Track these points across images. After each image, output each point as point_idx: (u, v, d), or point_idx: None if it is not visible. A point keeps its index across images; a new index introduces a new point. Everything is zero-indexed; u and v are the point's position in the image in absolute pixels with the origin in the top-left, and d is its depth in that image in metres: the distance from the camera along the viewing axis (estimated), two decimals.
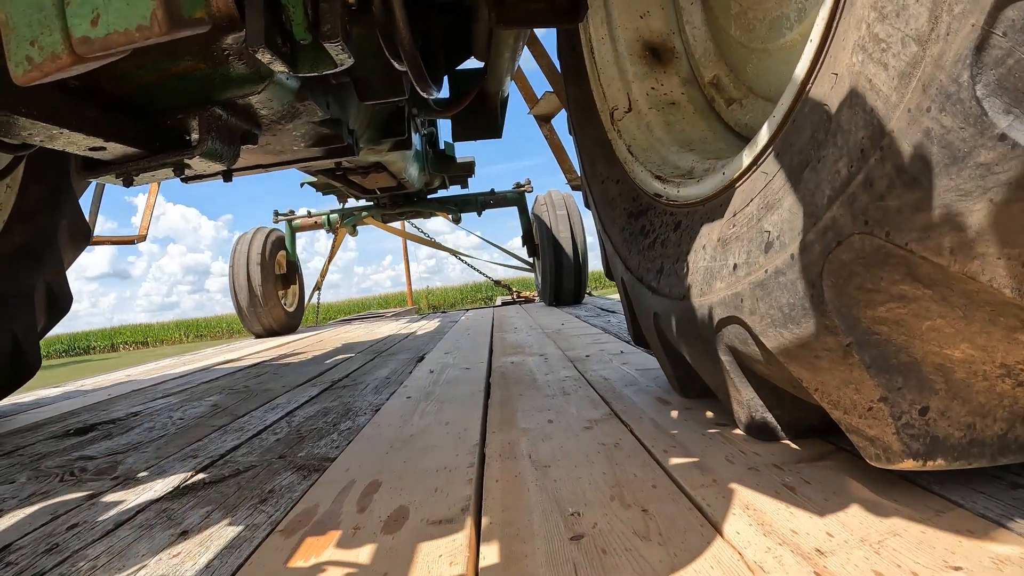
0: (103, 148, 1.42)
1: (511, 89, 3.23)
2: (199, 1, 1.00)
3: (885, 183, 0.68)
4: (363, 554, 0.87)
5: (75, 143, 1.35)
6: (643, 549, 0.81)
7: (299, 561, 0.87)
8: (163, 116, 1.51)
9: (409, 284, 14.73)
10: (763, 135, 0.99)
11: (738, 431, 1.25)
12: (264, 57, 1.23)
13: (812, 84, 0.85)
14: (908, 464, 0.78)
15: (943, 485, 0.90)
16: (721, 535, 0.83)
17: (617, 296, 3.02)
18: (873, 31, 0.69)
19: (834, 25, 0.80)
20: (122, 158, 1.52)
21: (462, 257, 8.42)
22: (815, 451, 1.10)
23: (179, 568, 0.90)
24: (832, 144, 0.77)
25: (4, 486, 1.42)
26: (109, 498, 1.26)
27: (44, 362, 2.63)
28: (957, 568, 0.69)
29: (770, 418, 1.16)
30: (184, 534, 1.03)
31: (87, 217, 2.73)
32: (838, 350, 0.82)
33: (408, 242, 12.62)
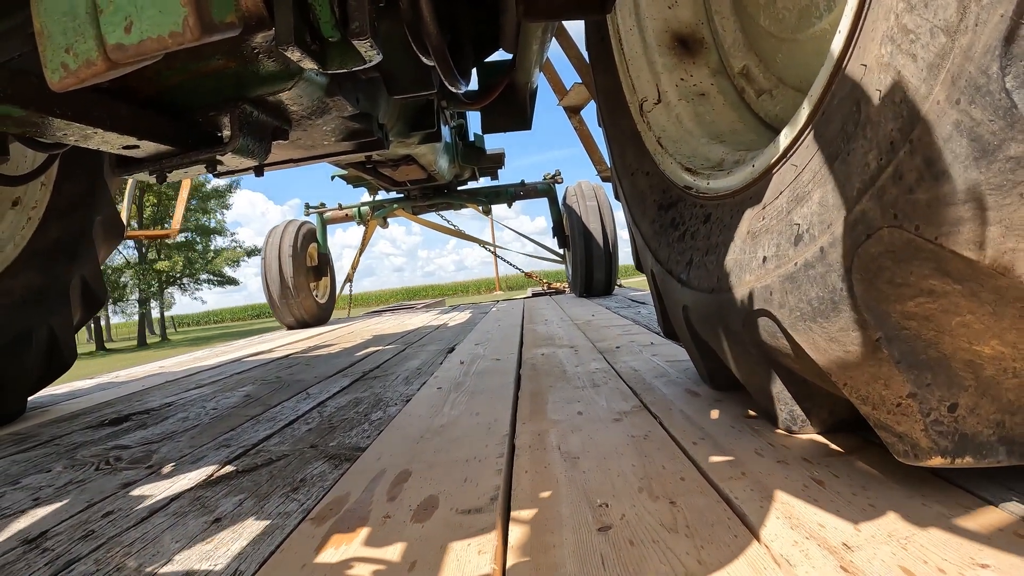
0: (136, 146, 1.45)
1: (540, 81, 3.23)
2: (229, 4, 1.02)
3: (915, 176, 0.67)
4: (393, 543, 0.89)
5: (109, 142, 1.38)
6: (670, 541, 0.81)
7: (329, 549, 0.90)
8: (195, 114, 1.54)
9: (496, 269, 16.17)
10: (793, 127, 0.98)
11: (767, 424, 1.25)
12: (293, 55, 1.25)
13: (841, 75, 0.84)
14: (936, 461, 0.78)
15: (972, 481, 0.90)
16: (748, 528, 0.83)
17: (646, 287, 3.00)
18: (902, 22, 0.69)
19: (863, 16, 0.79)
20: (155, 155, 1.55)
21: (491, 248, 8.44)
22: (844, 445, 1.10)
23: (212, 555, 0.93)
24: (862, 136, 0.77)
25: (41, 475, 1.47)
26: (143, 486, 1.30)
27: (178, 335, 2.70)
28: (984, 565, 0.68)
29: (799, 411, 1.15)
30: (217, 521, 1.06)
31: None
32: (867, 345, 0.81)
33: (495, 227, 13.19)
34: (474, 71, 2.46)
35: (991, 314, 0.68)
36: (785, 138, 1.00)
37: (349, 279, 8.26)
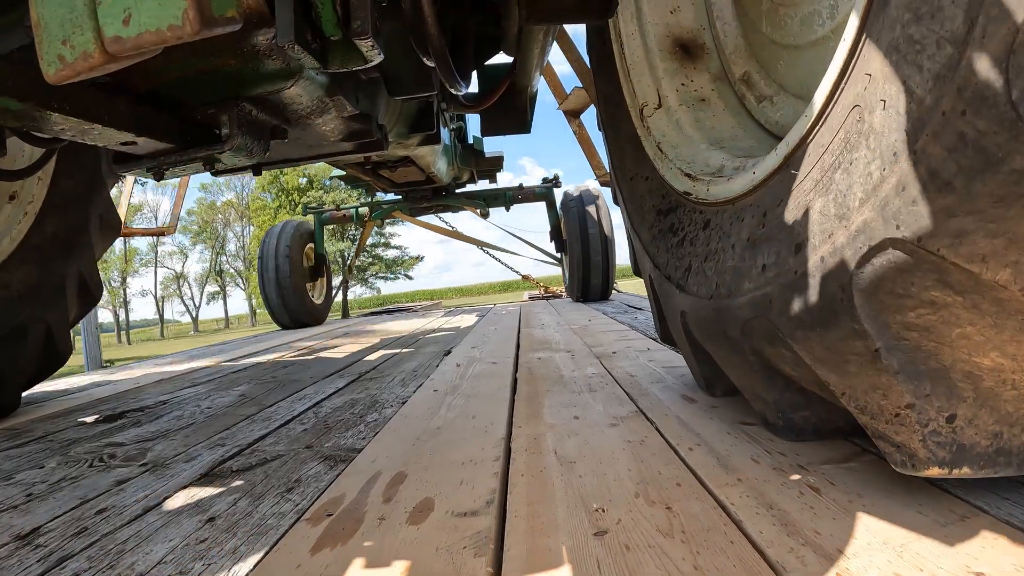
0: (134, 143, 1.45)
1: (540, 84, 3.23)
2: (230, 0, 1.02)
3: (918, 187, 0.67)
4: (388, 544, 0.89)
5: (107, 138, 1.38)
6: (666, 546, 0.81)
7: (324, 549, 0.89)
8: (194, 111, 1.54)
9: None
10: (795, 134, 0.98)
11: (764, 431, 1.25)
12: (294, 53, 1.25)
13: (845, 84, 0.84)
14: (934, 472, 0.78)
15: (968, 490, 0.90)
16: (744, 534, 0.83)
17: (643, 292, 3.00)
18: (908, 32, 0.69)
19: (868, 25, 0.79)
20: (153, 152, 1.55)
21: (488, 250, 8.43)
22: (841, 453, 1.10)
23: (205, 554, 0.92)
24: (865, 146, 0.77)
25: (35, 471, 1.47)
26: (137, 484, 1.29)
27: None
28: (979, 573, 0.68)
29: (796, 419, 1.15)
30: (211, 520, 1.05)
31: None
32: (866, 354, 0.81)
33: None
34: (474, 74, 2.46)
35: (991, 326, 0.68)
36: (787, 146, 1.00)
37: (346, 281, 8.25)
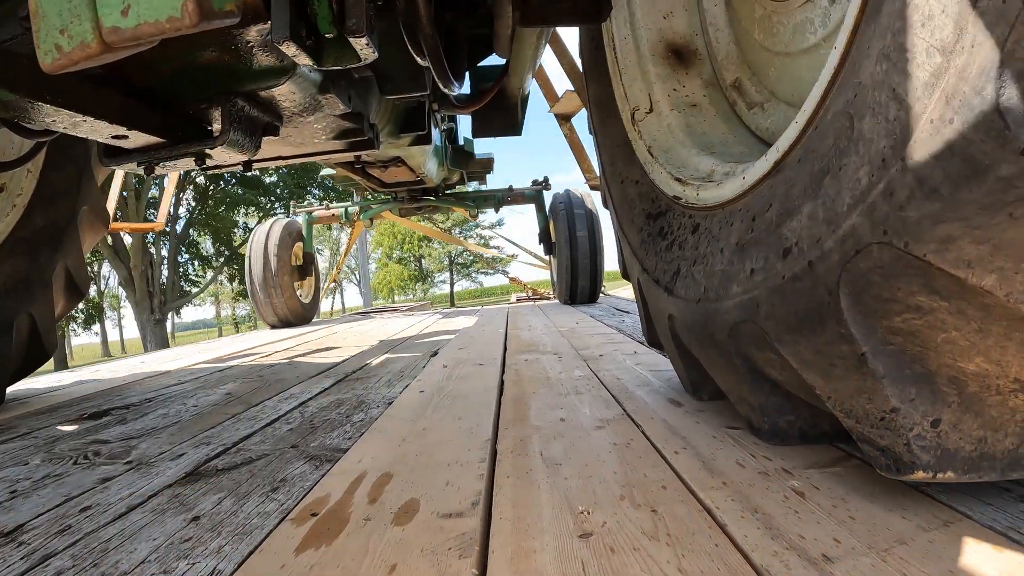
0: (126, 136, 1.44)
1: (532, 87, 3.23)
2: None
3: (906, 193, 0.68)
4: (373, 545, 0.89)
5: (98, 131, 1.37)
6: (651, 549, 0.82)
7: (309, 549, 0.89)
8: (186, 106, 1.53)
9: None
10: (785, 140, 0.99)
11: (749, 435, 1.26)
12: (289, 50, 1.24)
13: (835, 91, 0.85)
14: (918, 476, 0.78)
15: (952, 496, 0.90)
16: (729, 538, 0.83)
17: (631, 295, 3.00)
18: (898, 40, 0.69)
19: (859, 33, 0.80)
20: (144, 147, 1.54)
21: (475, 251, 8.43)
22: (826, 457, 1.10)
23: (190, 553, 0.91)
24: (854, 152, 0.77)
25: (18, 467, 1.45)
26: (122, 482, 1.28)
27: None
28: None
29: (782, 423, 1.16)
30: (196, 519, 1.04)
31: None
32: (852, 359, 0.82)
33: None
34: (467, 75, 2.46)
35: (977, 331, 0.69)
36: (777, 151, 1.01)
37: (334, 281, 8.21)
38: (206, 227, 27.40)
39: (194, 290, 28.27)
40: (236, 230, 28.44)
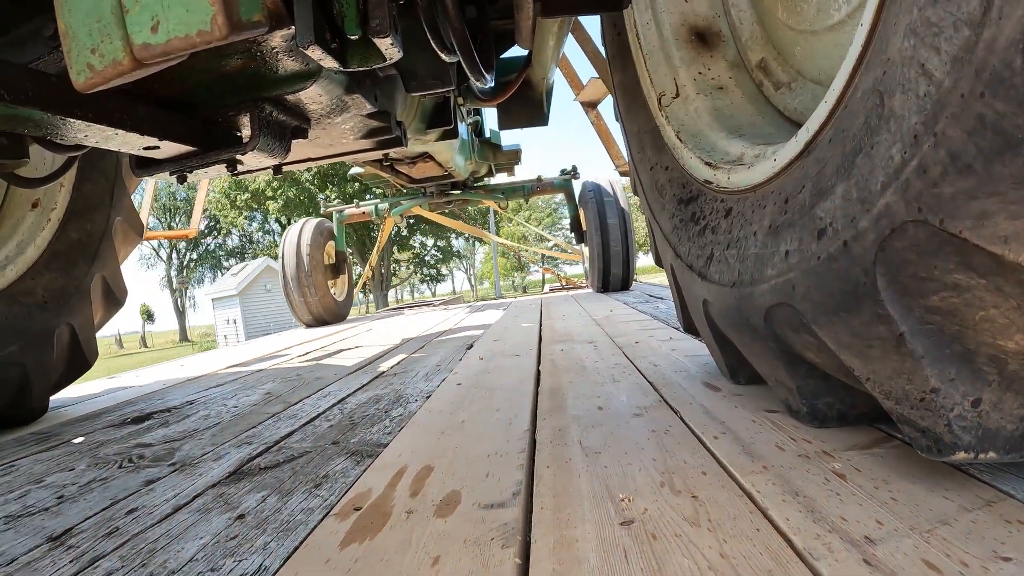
0: (157, 147, 1.47)
1: (556, 76, 3.22)
2: (256, 3, 1.03)
3: (939, 170, 0.67)
4: (416, 537, 0.90)
5: (129, 143, 1.39)
6: (693, 535, 0.82)
7: (353, 543, 0.91)
8: (215, 114, 1.56)
9: None
10: (815, 120, 0.98)
11: (788, 418, 1.25)
12: (314, 54, 1.26)
13: (864, 68, 0.84)
14: (960, 456, 0.77)
15: (994, 475, 0.89)
16: (770, 522, 0.83)
17: (664, 281, 2.99)
18: (925, 15, 0.68)
19: (885, 8, 0.79)
20: (176, 156, 1.57)
21: (505, 245, 8.44)
22: (866, 439, 1.09)
23: (236, 550, 0.94)
24: (885, 130, 0.76)
25: (64, 473, 1.49)
26: (167, 483, 1.32)
27: None
28: (1007, 559, 0.68)
29: (820, 405, 1.15)
30: (241, 518, 1.07)
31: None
32: (890, 339, 0.81)
33: None
34: None
35: (1015, 308, 0.68)
36: (807, 132, 1.00)
37: (367, 279, 8.29)
38: None
39: None
40: None
